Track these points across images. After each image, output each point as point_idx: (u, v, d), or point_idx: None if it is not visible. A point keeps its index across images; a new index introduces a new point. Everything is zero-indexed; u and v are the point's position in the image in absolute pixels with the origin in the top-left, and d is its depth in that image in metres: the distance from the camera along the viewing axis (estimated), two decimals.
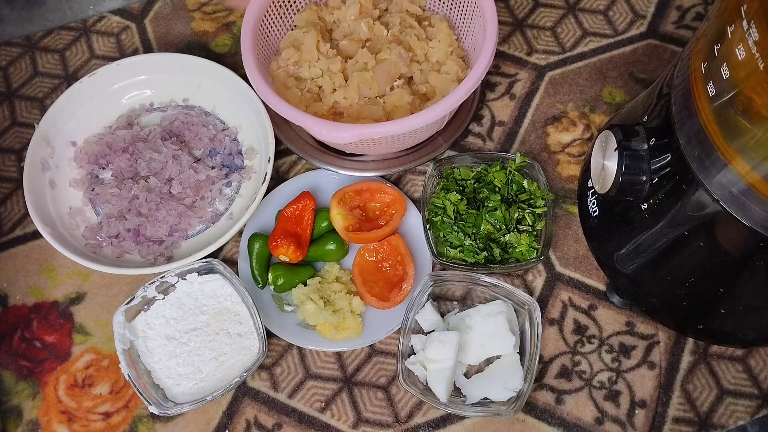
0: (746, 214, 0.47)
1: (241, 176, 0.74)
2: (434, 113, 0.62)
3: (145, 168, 0.72)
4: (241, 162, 0.75)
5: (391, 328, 0.66)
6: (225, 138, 0.75)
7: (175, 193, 0.71)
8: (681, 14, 0.82)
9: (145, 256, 0.69)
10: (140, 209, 0.70)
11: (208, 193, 0.72)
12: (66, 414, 0.65)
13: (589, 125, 0.76)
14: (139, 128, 0.76)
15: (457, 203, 0.68)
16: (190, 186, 0.71)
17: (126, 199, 0.71)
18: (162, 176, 0.71)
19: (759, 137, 0.43)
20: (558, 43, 0.81)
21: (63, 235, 0.70)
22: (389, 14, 0.75)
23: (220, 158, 0.74)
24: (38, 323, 0.69)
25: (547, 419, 0.63)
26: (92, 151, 0.74)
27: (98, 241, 0.70)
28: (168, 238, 0.70)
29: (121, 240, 0.70)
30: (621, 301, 0.67)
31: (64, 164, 0.74)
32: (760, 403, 0.63)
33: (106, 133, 0.75)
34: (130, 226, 0.70)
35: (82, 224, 0.71)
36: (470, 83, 0.63)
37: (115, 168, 0.73)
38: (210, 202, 0.73)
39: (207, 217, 0.72)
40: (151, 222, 0.70)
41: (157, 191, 0.71)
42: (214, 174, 0.72)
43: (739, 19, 0.42)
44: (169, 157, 0.72)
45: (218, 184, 0.73)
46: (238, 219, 0.68)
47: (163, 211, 0.70)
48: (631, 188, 0.56)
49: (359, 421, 0.64)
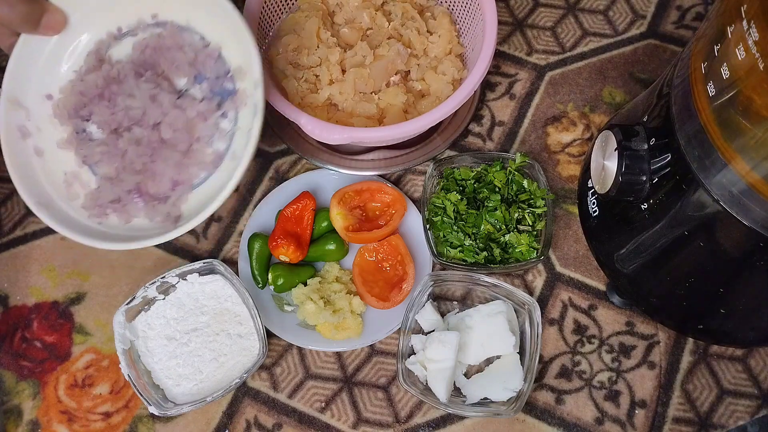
0: (746, 214, 0.48)
1: (236, 103, 0.62)
2: (429, 120, 0.63)
3: (124, 117, 0.61)
4: (232, 85, 0.62)
5: (391, 328, 0.66)
6: (207, 59, 0.63)
7: (167, 138, 0.61)
8: (681, 14, 0.82)
9: (153, 218, 0.61)
10: (134, 166, 0.61)
11: (204, 131, 0.62)
12: (66, 414, 0.65)
13: (589, 125, 0.76)
14: (109, 66, 0.64)
15: (457, 203, 0.68)
16: (181, 128, 0.61)
17: (117, 156, 0.61)
18: (145, 123, 0.61)
19: (759, 137, 0.43)
20: (558, 43, 0.81)
21: (64, 212, 0.61)
22: (392, 2, 0.75)
23: (207, 84, 0.63)
24: (38, 323, 0.69)
25: (547, 419, 0.63)
26: (69, 103, 0.63)
27: (101, 208, 0.61)
28: (172, 193, 0.61)
29: (125, 204, 0.61)
30: (621, 301, 0.67)
31: (46, 124, 0.63)
32: (760, 403, 0.63)
33: (77, 80, 0.64)
34: (129, 187, 0.61)
35: (82, 192, 0.63)
36: (465, 91, 0.64)
37: (98, 120, 0.63)
38: (208, 142, 0.62)
39: (208, 161, 0.62)
40: (150, 177, 0.61)
41: (146, 141, 0.61)
42: (204, 107, 0.61)
43: (739, 19, 0.42)
44: (146, 100, 0.61)
45: (212, 118, 0.62)
46: (241, 158, 0.57)
47: (160, 162, 0.60)
48: (631, 188, 0.56)
49: (359, 421, 0.64)
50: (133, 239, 0.59)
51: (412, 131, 0.64)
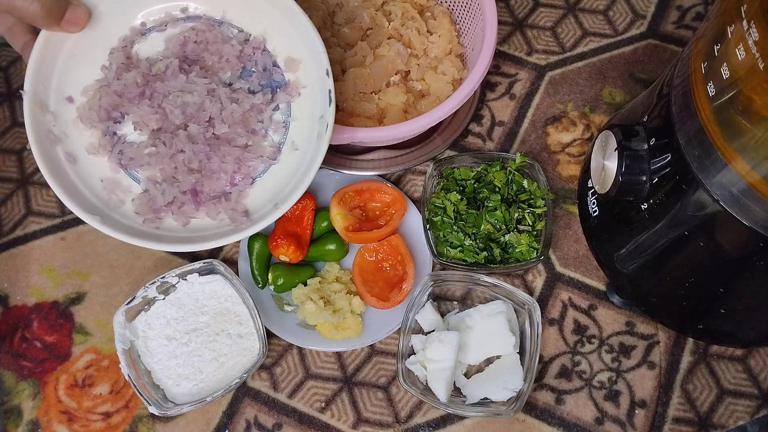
0: (746, 214, 0.48)
1: (288, 94, 0.60)
2: (429, 120, 0.63)
3: (179, 115, 0.58)
4: (281, 77, 0.60)
5: (391, 328, 0.66)
6: (254, 51, 0.60)
7: (220, 134, 0.58)
8: (681, 14, 0.82)
9: (216, 217, 0.59)
10: (190, 165, 0.58)
11: (258, 125, 0.60)
12: (66, 414, 0.65)
13: (589, 125, 0.76)
14: (147, 64, 0.60)
15: (457, 203, 0.68)
16: (237, 122, 0.59)
17: (167, 156, 0.58)
18: (201, 120, 0.59)
19: (759, 137, 0.43)
20: (558, 43, 0.81)
21: (115, 218, 0.57)
22: (392, 2, 0.75)
23: (256, 78, 0.60)
24: (38, 323, 0.69)
25: (547, 419, 0.63)
26: (99, 104, 0.59)
27: (156, 213, 0.58)
28: (233, 189, 0.59)
29: (180, 205, 0.59)
30: (621, 301, 0.67)
31: (71, 129, 0.59)
32: (760, 403, 0.63)
33: (110, 78, 0.59)
34: (184, 188, 0.58)
35: (126, 198, 0.59)
36: (465, 91, 0.64)
37: (136, 120, 0.59)
38: (263, 135, 0.60)
39: (267, 154, 0.60)
40: (207, 176, 0.58)
41: (201, 139, 0.58)
42: (259, 100, 0.59)
43: (739, 19, 0.42)
44: (203, 95, 0.58)
45: (266, 111, 0.60)
46: (308, 148, 0.56)
47: (216, 159, 0.58)
48: (631, 188, 0.56)
49: (359, 421, 0.64)
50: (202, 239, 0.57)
51: (412, 131, 0.64)
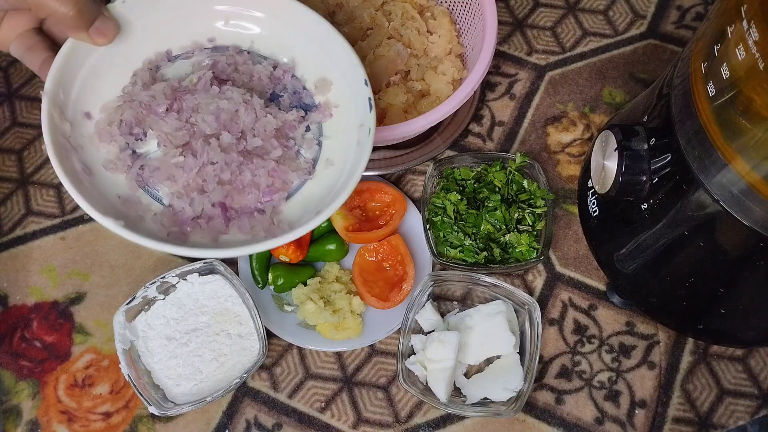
0: (746, 214, 0.48)
1: (320, 115, 0.60)
2: (429, 120, 0.63)
3: (212, 123, 0.55)
4: (311, 100, 0.60)
5: (391, 328, 0.66)
6: (284, 75, 0.60)
7: (251, 148, 0.56)
8: (681, 14, 0.82)
9: (250, 232, 0.55)
10: (221, 175, 0.55)
11: (291, 141, 0.58)
12: (66, 414, 0.65)
13: (589, 125, 0.76)
14: (176, 78, 0.59)
15: (457, 203, 0.68)
16: (270, 136, 0.57)
17: (194, 169, 0.55)
18: (234, 130, 0.56)
19: (759, 137, 0.43)
20: (558, 43, 0.81)
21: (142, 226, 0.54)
22: (392, 2, 0.75)
23: (287, 99, 0.60)
24: (38, 323, 0.69)
25: (547, 419, 0.63)
26: (121, 118, 0.56)
27: (180, 226, 0.55)
28: (266, 204, 0.56)
29: (209, 219, 0.55)
30: (621, 301, 0.67)
31: (87, 143, 0.56)
32: (760, 403, 0.63)
33: (135, 91, 0.57)
34: (215, 199, 0.55)
35: (146, 215, 0.55)
36: (465, 91, 0.63)
37: (160, 135, 0.56)
38: (297, 152, 0.59)
39: (302, 168, 0.58)
40: (237, 189, 0.56)
41: (233, 149, 0.56)
42: (293, 117, 0.58)
43: (739, 19, 0.42)
44: (239, 104, 0.56)
45: (299, 129, 0.59)
46: (347, 159, 0.56)
47: (248, 173, 0.55)
48: (631, 188, 0.56)
49: (359, 421, 0.64)
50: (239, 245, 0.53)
51: (412, 131, 0.64)
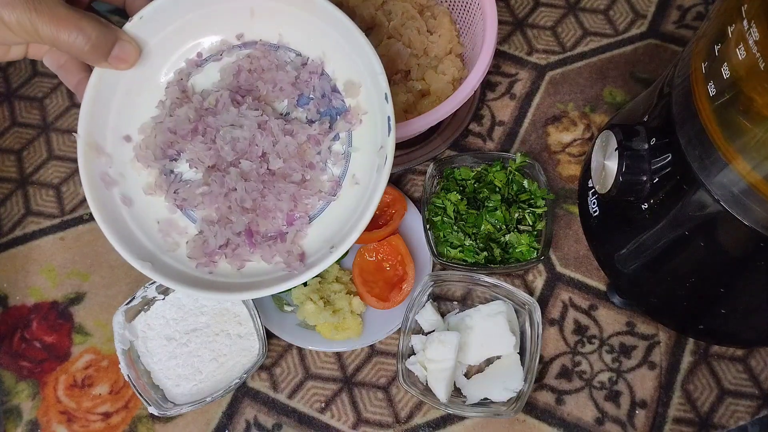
0: (747, 214, 0.47)
1: (349, 122, 0.56)
2: (429, 120, 0.62)
3: (229, 152, 0.55)
4: (341, 103, 0.56)
5: (391, 328, 0.66)
6: (311, 77, 0.56)
7: (275, 169, 0.55)
8: (682, 14, 0.82)
9: (271, 260, 0.55)
10: (243, 204, 0.55)
11: (316, 157, 0.55)
12: (65, 414, 0.65)
13: (589, 125, 0.76)
14: (200, 97, 0.57)
15: (457, 203, 0.67)
16: (292, 155, 0.55)
17: (221, 195, 0.55)
18: (253, 154, 0.55)
19: (760, 137, 0.43)
20: (558, 42, 0.81)
21: (170, 265, 0.55)
22: (392, 2, 0.74)
23: (314, 105, 0.56)
24: (38, 323, 0.69)
25: (547, 419, 0.63)
26: (154, 142, 0.56)
27: (209, 256, 0.55)
28: (290, 229, 0.55)
29: (235, 247, 0.55)
30: (621, 302, 0.67)
31: (128, 169, 0.57)
32: (760, 404, 0.63)
33: (163, 115, 0.57)
34: (238, 229, 0.55)
35: (182, 240, 0.56)
36: (466, 91, 0.63)
37: (191, 157, 0.56)
38: (322, 168, 0.56)
39: (326, 189, 0.56)
40: (262, 215, 0.55)
41: (254, 175, 0.55)
42: (316, 130, 0.55)
43: (740, 18, 0.42)
44: (254, 129, 0.55)
45: (325, 142, 0.55)
46: (369, 182, 0.52)
47: (271, 197, 0.54)
48: (631, 188, 0.55)
49: (359, 421, 0.64)
50: (256, 286, 0.53)
51: (412, 131, 0.64)
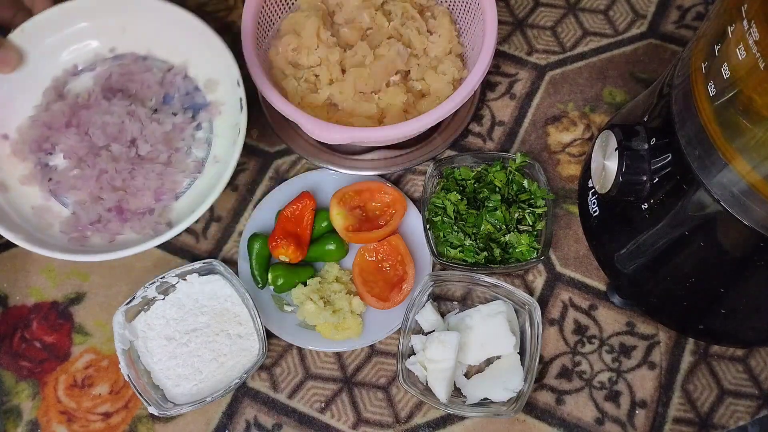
0: (747, 214, 0.47)
1: (210, 113, 0.67)
2: (429, 120, 0.63)
3: (101, 137, 0.62)
4: (203, 99, 0.67)
5: (391, 328, 0.66)
6: (175, 78, 0.67)
7: (144, 154, 0.63)
8: (681, 14, 0.82)
9: (141, 231, 0.62)
10: (114, 183, 0.62)
11: (181, 142, 0.65)
12: (65, 414, 0.65)
13: (589, 125, 0.76)
14: (74, 96, 0.66)
15: (457, 203, 0.67)
16: (159, 141, 0.63)
17: (93, 178, 0.62)
18: (123, 140, 0.63)
19: (759, 137, 0.43)
20: (558, 42, 0.81)
21: (40, 238, 0.62)
22: (392, 2, 0.74)
23: (178, 101, 0.66)
24: (38, 323, 0.69)
25: (547, 419, 0.63)
26: (30, 137, 0.64)
27: (81, 231, 0.62)
28: (157, 204, 0.63)
29: (106, 223, 0.62)
30: (621, 302, 0.67)
31: (5, 163, 0.65)
32: (760, 404, 0.63)
33: (39, 113, 0.65)
34: (110, 205, 0.62)
35: (55, 221, 0.64)
36: (465, 91, 0.63)
37: (65, 149, 0.64)
38: (186, 152, 0.65)
39: (190, 169, 0.65)
40: (131, 193, 0.62)
41: (124, 158, 0.62)
42: (180, 120, 0.65)
43: (740, 18, 0.42)
44: (124, 116, 0.63)
45: (188, 129, 0.65)
46: (227, 160, 0.61)
47: (140, 177, 0.62)
48: (631, 188, 0.55)
49: (359, 421, 0.64)
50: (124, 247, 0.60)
51: (412, 131, 0.64)
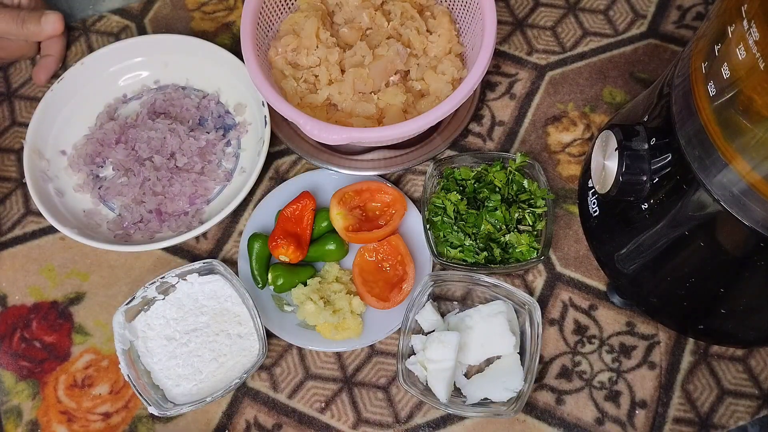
0: (747, 214, 0.47)
1: (238, 132, 0.77)
2: (429, 120, 0.62)
3: (145, 149, 0.73)
4: (232, 120, 0.78)
5: (391, 328, 0.66)
6: (209, 103, 0.78)
7: (181, 165, 0.73)
8: (681, 14, 0.82)
9: (176, 230, 0.71)
10: (155, 189, 0.72)
11: (213, 156, 0.75)
12: (65, 414, 0.65)
13: (589, 125, 0.76)
14: (124, 118, 0.78)
15: (457, 203, 0.67)
16: (194, 154, 0.74)
17: (137, 185, 0.72)
18: (164, 152, 0.73)
19: (759, 137, 0.43)
20: (558, 42, 0.81)
21: (89, 234, 0.70)
22: (392, 2, 0.74)
23: (211, 122, 0.78)
24: (38, 323, 0.69)
25: (547, 419, 0.63)
26: (85, 152, 0.75)
27: (125, 229, 0.71)
28: (191, 208, 0.72)
29: (147, 222, 0.72)
30: (621, 302, 0.67)
31: (62, 173, 0.75)
32: (760, 404, 0.63)
33: (94, 132, 0.77)
34: (150, 207, 0.72)
35: (103, 222, 0.73)
36: (465, 90, 0.63)
37: (114, 162, 0.74)
38: (217, 164, 0.75)
39: (221, 178, 0.74)
40: (169, 198, 0.72)
41: (164, 168, 0.73)
42: (212, 137, 0.75)
43: (740, 18, 0.42)
44: (165, 132, 0.74)
45: (219, 145, 0.75)
46: (252, 170, 0.71)
47: (177, 184, 0.72)
48: (631, 188, 0.55)
49: (359, 421, 0.64)
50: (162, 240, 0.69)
51: (411, 131, 0.64)
